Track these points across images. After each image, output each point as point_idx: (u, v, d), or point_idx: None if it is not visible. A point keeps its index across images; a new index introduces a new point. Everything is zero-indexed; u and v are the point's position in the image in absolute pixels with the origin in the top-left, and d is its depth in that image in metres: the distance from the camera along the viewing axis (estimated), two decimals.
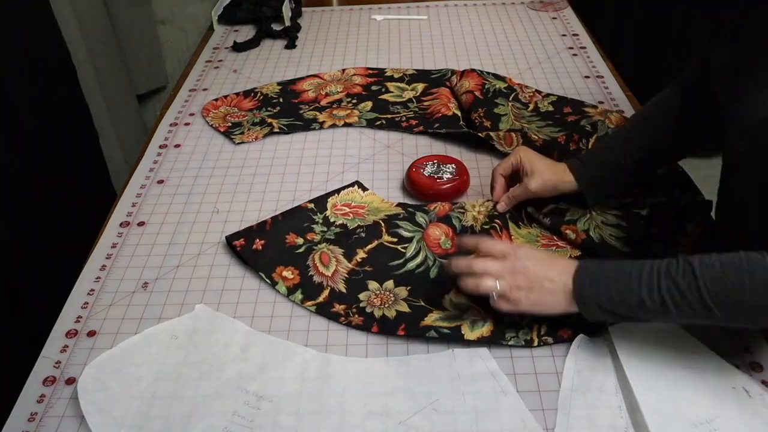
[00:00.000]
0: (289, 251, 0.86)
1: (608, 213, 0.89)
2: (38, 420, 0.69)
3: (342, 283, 0.82)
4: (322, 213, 0.92)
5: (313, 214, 0.91)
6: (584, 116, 1.11)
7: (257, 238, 0.86)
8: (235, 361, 0.73)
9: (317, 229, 0.89)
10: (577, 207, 0.90)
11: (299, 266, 0.84)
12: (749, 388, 0.66)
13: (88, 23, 1.57)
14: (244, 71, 1.38)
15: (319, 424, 0.66)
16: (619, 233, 0.86)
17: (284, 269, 0.83)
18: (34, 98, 1.29)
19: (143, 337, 0.77)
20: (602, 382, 0.69)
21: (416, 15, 1.59)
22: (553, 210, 0.90)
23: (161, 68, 1.96)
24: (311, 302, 0.79)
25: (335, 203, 0.94)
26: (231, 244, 0.87)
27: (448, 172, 0.98)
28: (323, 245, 0.86)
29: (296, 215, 0.91)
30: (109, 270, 0.88)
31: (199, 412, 0.68)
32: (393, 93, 1.26)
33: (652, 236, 0.84)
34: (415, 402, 0.68)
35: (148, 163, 1.10)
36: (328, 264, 0.84)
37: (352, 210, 0.93)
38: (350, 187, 0.98)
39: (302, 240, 0.87)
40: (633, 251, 0.83)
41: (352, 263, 0.84)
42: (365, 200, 0.95)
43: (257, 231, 0.88)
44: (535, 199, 0.92)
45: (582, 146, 1.02)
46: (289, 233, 0.88)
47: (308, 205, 0.93)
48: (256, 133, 1.15)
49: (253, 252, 0.85)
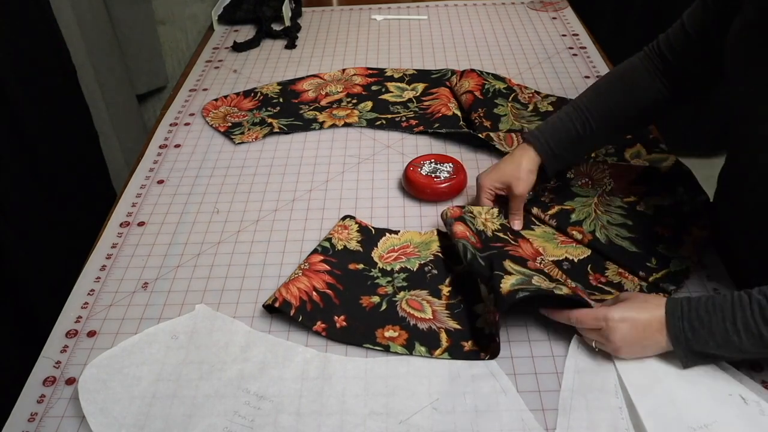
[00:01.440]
0: (375, 313, 0.78)
1: (614, 213, 0.89)
2: (38, 420, 0.69)
3: (451, 321, 0.77)
4: (375, 267, 0.85)
5: (368, 272, 0.84)
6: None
7: (334, 316, 0.78)
8: (236, 361, 0.73)
9: (383, 282, 0.83)
10: (581, 206, 0.90)
11: (396, 323, 0.77)
12: (745, 396, 0.66)
13: (88, 23, 1.57)
14: (244, 71, 1.38)
15: (319, 423, 0.66)
16: (626, 233, 0.86)
17: (383, 330, 0.76)
18: (34, 98, 1.29)
19: (144, 337, 0.77)
20: (603, 383, 0.69)
21: (416, 15, 1.59)
22: (559, 212, 0.90)
23: (161, 68, 1.96)
24: (439, 350, 0.73)
25: (380, 255, 0.87)
26: (313, 329, 0.77)
27: (445, 171, 0.98)
28: (402, 294, 0.81)
29: (353, 280, 0.83)
30: (109, 270, 0.88)
31: (200, 412, 0.68)
32: (393, 93, 1.26)
33: (658, 236, 0.85)
34: (416, 402, 0.68)
35: (148, 163, 1.10)
36: (421, 309, 0.78)
37: (399, 253, 0.87)
38: (343, 222, 0.92)
39: (378, 298, 0.80)
40: (640, 251, 0.83)
41: (443, 299, 0.80)
42: (404, 240, 0.89)
43: (327, 309, 0.79)
44: (538, 200, 0.92)
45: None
46: (361, 297, 0.80)
47: (357, 267, 0.85)
48: (256, 133, 1.15)
49: (343, 330, 0.76)
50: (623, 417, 0.65)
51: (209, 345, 0.76)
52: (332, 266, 0.84)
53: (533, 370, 0.71)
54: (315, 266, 0.83)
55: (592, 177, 0.95)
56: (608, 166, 0.95)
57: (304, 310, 0.77)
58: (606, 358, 0.71)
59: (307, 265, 0.83)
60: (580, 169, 0.96)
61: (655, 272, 0.80)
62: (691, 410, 0.65)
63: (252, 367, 0.73)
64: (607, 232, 0.86)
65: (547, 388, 0.69)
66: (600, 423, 0.65)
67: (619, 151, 1.02)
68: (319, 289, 0.80)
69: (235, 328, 0.78)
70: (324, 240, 0.88)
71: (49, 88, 1.36)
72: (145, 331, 0.77)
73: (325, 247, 0.87)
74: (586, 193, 0.93)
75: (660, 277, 0.80)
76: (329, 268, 0.83)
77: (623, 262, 0.83)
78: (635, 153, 1.02)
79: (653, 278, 0.79)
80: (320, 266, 0.83)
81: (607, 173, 0.95)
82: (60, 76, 1.42)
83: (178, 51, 1.98)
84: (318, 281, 0.81)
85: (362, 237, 0.89)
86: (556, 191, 0.94)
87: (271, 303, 0.78)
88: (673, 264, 0.81)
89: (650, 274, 0.80)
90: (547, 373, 0.71)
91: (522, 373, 0.71)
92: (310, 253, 0.86)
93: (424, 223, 0.93)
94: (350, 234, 0.89)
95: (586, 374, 0.70)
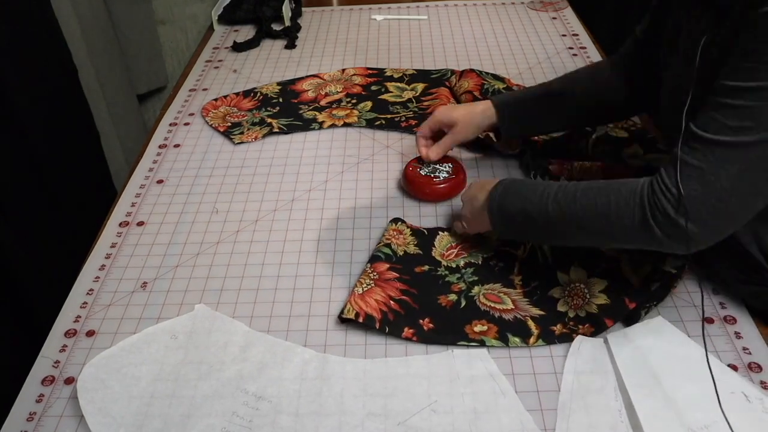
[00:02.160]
0: (456, 310, 0.78)
1: None
2: (37, 419, 0.69)
3: (533, 308, 0.77)
4: (440, 266, 0.84)
5: (435, 272, 0.84)
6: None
7: (419, 320, 0.77)
8: (235, 362, 0.73)
9: (453, 279, 0.83)
10: None
11: (481, 317, 0.77)
12: (748, 392, 0.66)
13: (89, 23, 1.57)
14: (244, 71, 1.38)
15: (318, 424, 0.66)
16: None
17: (472, 326, 0.76)
18: (35, 98, 1.29)
19: (143, 337, 0.77)
20: (602, 385, 0.69)
21: (416, 15, 1.59)
22: None
23: (161, 68, 1.96)
24: (533, 338, 0.74)
25: (441, 253, 0.87)
26: (402, 337, 0.76)
27: (444, 171, 0.98)
28: (476, 288, 0.81)
29: (424, 282, 0.82)
30: (108, 270, 0.88)
31: (199, 413, 0.68)
32: (393, 93, 1.26)
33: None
34: (414, 403, 0.68)
35: (147, 162, 1.10)
36: (500, 301, 0.79)
37: (458, 249, 0.87)
38: (396, 226, 0.90)
39: (454, 295, 0.80)
40: (633, 252, 0.82)
41: (518, 289, 0.81)
42: (458, 237, 0.89)
43: (409, 315, 0.77)
44: None
45: (581, 145, 1.01)
46: (438, 298, 0.80)
47: (422, 269, 0.84)
48: (255, 133, 1.15)
49: (432, 332, 0.76)
50: (623, 420, 0.65)
51: (208, 345, 0.76)
52: (400, 272, 0.83)
53: (531, 370, 0.71)
54: (384, 275, 0.82)
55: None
56: (604, 166, 0.95)
57: (387, 321, 0.76)
58: (605, 359, 0.71)
59: (376, 274, 0.82)
60: (573, 173, 0.96)
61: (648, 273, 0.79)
62: (691, 411, 0.64)
63: (251, 367, 0.73)
64: None
65: (545, 388, 0.69)
66: (599, 425, 0.65)
67: (617, 150, 1.02)
68: (395, 297, 0.79)
69: (234, 328, 0.78)
70: (383, 246, 0.86)
71: (50, 89, 1.36)
72: (144, 330, 0.77)
73: (388, 254, 0.85)
74: None
75: (650, 273, 0.78)
76: (398, 275, 0.82)
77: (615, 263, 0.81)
78: (633, 153, 1.01)
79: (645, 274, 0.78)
80: (389, 274, 0.82)
81: (599, 169, 0.95)
82: (61, 76, 1.42)
83: (178, 51, 1.98)
84: (392, 290, 0.80)
85: (417, 240, 0.89)
86: None
87: (352, 317, 0.75)
88: (668, 263, 0.80)
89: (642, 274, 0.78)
90: (546, 373, 0.71)
91: (521, 373, 0.71)
92: (371, 262, 0.84)
93: (423, 223, 0.93)
94: (406, 239, 0.88)
95: (585, 375, 0.70)
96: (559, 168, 0.97)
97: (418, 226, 0.92)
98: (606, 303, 0.75)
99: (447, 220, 0.94)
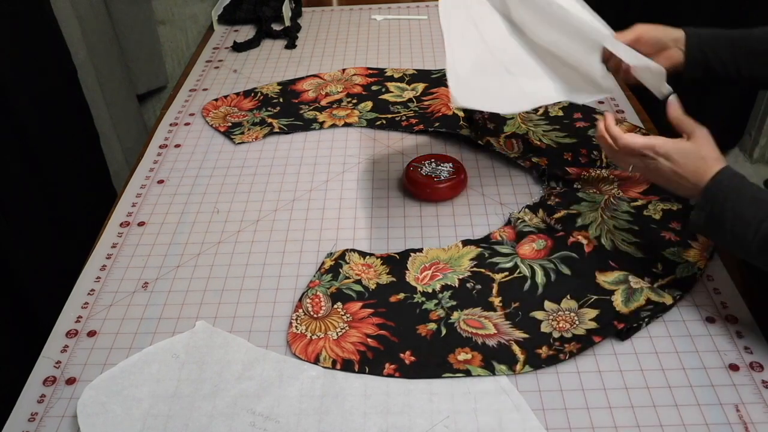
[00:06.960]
0: (437, 340, 0.75)
1: (620, 218, 0.88)
2: (38, 420, 0.69)
3: (516, 331, 0.75)
4: (416, 293, 0.81)
5: (411, 300, 0.80)
6: (594, 124, 1.10)
7: (399, 354, 0.74)
8: (239, 380, 0.71)
9: (431, 306, 0.79)
10: (588, 210, 0.90)
11: (464, 344, 0.74)
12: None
13: (88, 23, 1.57)
14: (244, 71, 1.38)
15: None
16: (632, 238, 0.85)
17: (455, 355, 0.73)
18: (35, 98, 1.29)
19: (143, 357, 0.75)
20: None
21: (416, 15, 1.59)
22: (565, 216, 0.89)
23: (161, 68, 1.96)
24: (519, 365, 0.71)
25: (416, 277, 0.83)
26: (384, 374, 0.72)
27: (445, 171, 0.98)
28: (456, 314, 0.78)
29: (400, 313, 0.79)
30: (109, 270, 0.88)
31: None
32: (393, 93, 1.26)
33: (665, 241, 0.84)
34: (425, 419, 0.67)
35: (148, 163, 1.10)
36: (481, 326, 0.76)
37: (432, 271, 0.84)
38: (364, 260, 0.87)
39: (434, 324, 0.77)
40: (646, 256, 0.82)
41: (498, 311, 0.78)
42: (431, 257, 0.86)
43: (389, 350, 0.74)
44: (546, 203, 0.92)
45: (594, 157, 1.01)
46: (417, 328, 0.77)
47: (398, 297, 0.81)
48: (256, 133, 1.15)
49: (414, 365, 0.73)
50: None
51: (211, 363, 0.74)
52: (374, 307, 0.80)
53: (537, 387, 0.71)
54: (358, 314, 0.79)
55: (600, 189, 0.94)
56: (618, 174, 0.95)
57: (367, 360, 0.73)
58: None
59: (350, 316, 0.78)
60: (587, 180, 0.96)
61: (660, 278, 0.79)
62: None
63: (256, 385, 0.71)
64: (612, 237, 0.86)
65: (545, 389, 0.69)
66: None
67: None
68: (372, 335, 0.76)
69: (237, 344, 0.76)
70: (353, 283, 0.83)
71: (49, 88, 1.36)
72: (144, 350, 0.76)
73: (359, 291, 0.82)
74: (593, 198, 0.93)
75: (665, 283, 0.79)
76: (372, 310, 0.79)
77: (627, 267, 0.81)
78: None
79: (658, 284, 0.78)
80: (362, 312, 0.79)
81: (615, 178, 0.95)
82: (60, 76, 1.42)
83: (178, 51, 1.98)
84: (368, 327, 0.77)
85: (389, 267, 0.85)
86: (562, 195, 0.94)
87: (330, 366, 0.73)
88: (679, 270, 0.80)
89: (656, 279, 0.79)
90: (546, 373, 0.71)
91: (529, 391, 0.70)
92: (341, 302, 0.80)
93: (423, 223, 0.93)
94: (377, 269, 0.85)
95: None
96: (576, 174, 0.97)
97: (386, 252, 0.88)
98: (595, 327, 0.74)
99: (447, 220, 0.94)
